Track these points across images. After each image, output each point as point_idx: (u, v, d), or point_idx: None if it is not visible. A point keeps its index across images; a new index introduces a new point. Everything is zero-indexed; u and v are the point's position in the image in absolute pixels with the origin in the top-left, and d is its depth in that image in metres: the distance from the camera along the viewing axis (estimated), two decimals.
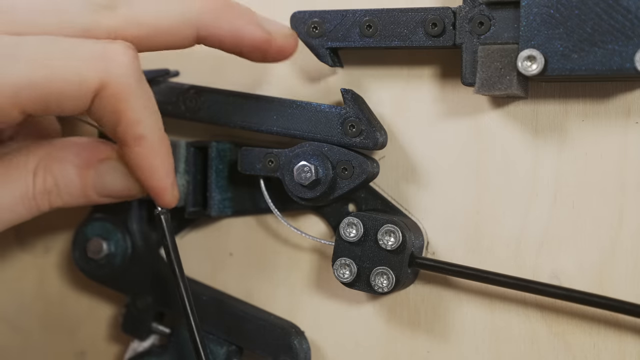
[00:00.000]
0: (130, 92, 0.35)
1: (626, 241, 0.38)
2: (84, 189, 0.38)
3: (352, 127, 0.40)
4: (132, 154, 0.37)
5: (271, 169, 0.41)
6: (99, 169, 0.38)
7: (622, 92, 0.38)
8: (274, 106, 0.41)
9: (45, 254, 0.51)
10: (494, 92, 0.37)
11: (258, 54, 0.39)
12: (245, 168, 0.42)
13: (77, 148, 0.39)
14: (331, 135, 0.40)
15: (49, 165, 0.38)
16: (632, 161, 0.38)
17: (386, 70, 0.42)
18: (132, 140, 0.36)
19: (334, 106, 0.40)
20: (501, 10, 0.37)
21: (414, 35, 0.39)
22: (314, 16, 0.40)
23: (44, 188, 0.38)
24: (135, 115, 0.35)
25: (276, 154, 0.41)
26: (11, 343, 0.52)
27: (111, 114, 0.35)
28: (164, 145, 0.37)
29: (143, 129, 0.36)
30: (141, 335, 0.46)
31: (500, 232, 0.40)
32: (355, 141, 0.40)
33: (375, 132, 0.40)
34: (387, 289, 0.38)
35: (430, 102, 0.41)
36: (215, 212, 0.43)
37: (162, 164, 0.37)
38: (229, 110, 0.42)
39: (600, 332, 0.38)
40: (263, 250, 0.45)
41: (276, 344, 0.42)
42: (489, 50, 0.37)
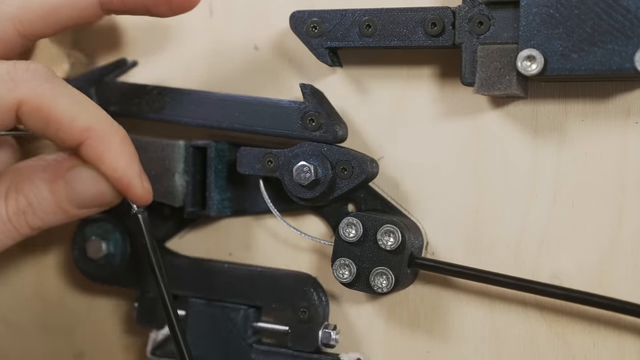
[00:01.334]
0: (49, 98, 0.36)
1: (626, 241, 0.38)
2: (58, 203, 0.38)
3: (312, 121, 0.40)
4: (87, 148, 0.37)
5: (270, 169, 0.41)
6: (68, 178, 0.38)
7: (621, 92, 0.38)
8: (235, 103, 0.42)
9: (45, 254, 0.50)
10: (493, 92, 0.37)
11: (163, 6, 0.39)
12: (244, 168, 0.42)
13: (44, 163, 0.39)
14: (292, 130, 0.41)
15: (19, 185, 0.38)
16: (632, 161, 0.38)
17: (386, 70, 0.42)
18: (79, 135, 0.36)
19: (293, 101, 0.41)
20: (501, 10, 0.37)
21: (413, 34, 0.39)
22: (313, 16, 0.40)
23: (17, 209, 0.38)
24: (67, 114, 0.36)
25: (275, 154, 0.41)
26: (10, 343, 0.52)
27: (47, 124, 0.36)
28: (118, 132, 0.38)
29: (83, 121, 0.36)
30: (158, 324, 0.46)
31: (500, 232, 0.40)
32: (315, 135, 0.40)
33: (335, 126, 0.40)
34: (387, 289, 0.38)
35: (430, 102, 0.41)
36: (214, 212, 0.43)
37: (122, 151, 0.37)
38: (192, 109, 0.43)
39: (600, 332, 0.38)
40: (263, 250, 0.45)
41: (291, 294, 0.42)
42: (488, 50, 0.37)
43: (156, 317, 0.45)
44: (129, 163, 0.38)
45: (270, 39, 0.44)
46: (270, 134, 0.41)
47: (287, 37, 0.43)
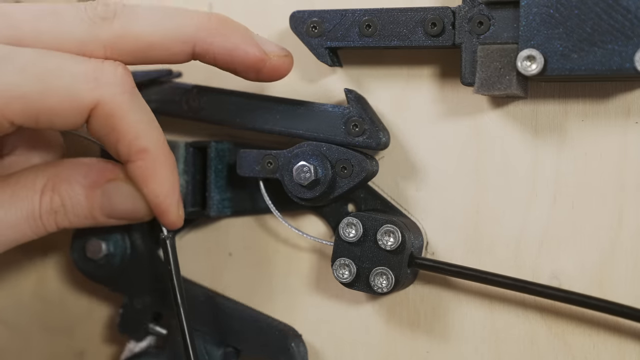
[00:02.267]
0: (124, 109, 0.35)
1: (626, 241, 0.38)
2: (91, 209, 0.39)
3: (355, 127, 0.40)
4: (136, 169, 0.37)
5: (270, 171, 0.41)
6: (107, 189, 0.38)
7: (621, 92, 0.38)
8: (277, 106, 0.41)
9: (44, 254, 0.50)
10: (493, 92, 0.37)
11: (252, 73, 0.39)
12: (244, 171, 0.42)
13: (85, 169, 0.39)
14: (334, 135, 0.40)
15: (57, 185, 0.38)
16: (632, 161, 0.38)
17: (386, 70, 0.42)
18: (134, 154, 0.36)
19: (337, 106, 0.40)
20: (501, 10, 0.37)
21: (413, 34, 0.39)
22: (313, 16, 0.40)
23: (51, 208, 0.38)
24: (133, 130, 0.36)
25: (275, 155, 0.41)
26: (10, 343, 0.52)
27: (110, 132, 0.36)
28: (168, 159, 0.38)
29: (144, 142, 0.36)
30: (138, 336, 0.46)
31: (500, 232, 0.40)
32: (359, 141, 0.40)
33: (379, 132, 0.40)
34: (387, 289, 0.38)
35: (430, 102, 0.41)
36: (214, 212, 0.43)
37: (167, 179, 0.37)
38: (232, 110, 0.42)
39: (600, 333, 0.38)
40: (262, 250, 0.45)
41: (273, 346, 0.42)
42: (488, 50, 0.37)
43: (137, 329, 0.46)
44: (171, 191, 0.38)
45: (270, 39, 0.44)
46: (311, 139, 0.41)
47: (287, 37, 0.43)
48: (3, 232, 0.37)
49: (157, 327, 0.46)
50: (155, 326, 0.46)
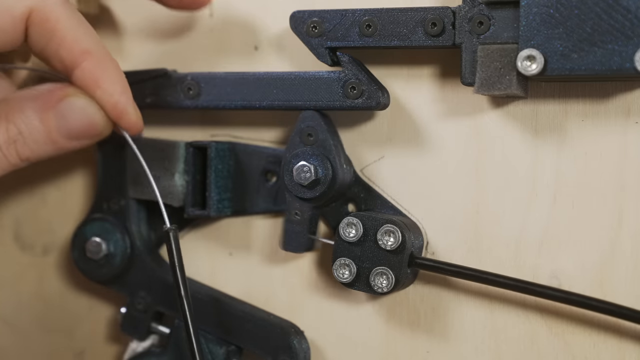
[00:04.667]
0: (58, 12, 0.37)
1: (626, 241, 0.38)
2: (48, 133, 0.39)
3: (353, 89, 0.40)
4: (84, 72, 0.37)
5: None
6: (59, 108, 0.38)
7: (622, 92, 0.38)
8: (272, 80, 0.42)
9: (44, 254, 0.50)
10: (493, 92, 0.37)
11: None
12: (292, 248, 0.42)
13: (35, 93, 0.39)
14: (333, 101, 0.40)
15: (10, 114, 0.38)
16: (632, 161, 0.38)
17: (386, 70, 0.42)
18: (78, 56, 0.37)
19: (332, 71, 0.40)
20: (501, 10, 0.37)
21: (413, 34, 0.39)
22: (314, 16, 0.40)
23: (8, 137, 0.38)
24: (72, 33, 0.37)
25: None
26: (10, 343, 0.52)
27: (50, 39, 0.37)
28: (113, 60, 0.38)
29: (85, 43, 0.37)
30: (140, 336, 0.46)
31: (500, 232, 0.40)
32: (358, 103, 0.40)
33: (377, 92, 0.40)
34: (387, 289, 0.38)
35: (431, 102, 0.41)
36: (214, 212, 0.43)
37: (117, 78, 0.38)
38: (229, 91, 0.42)
39: (600, 332, 0.38)
40: (262, 250, 0.45)
41: (275, 343, 0.42)
42: (488, 50, 0.37)
43: (139, 329, 0.46)
44: (124, 90, 0.38)
45: (270, 39, 0.44)
46: (311, 108, 0.41)
47: (287, 37, 0.43)
48: None
49: (159, 327, 0.46)
50: (158, 325, 0.46)
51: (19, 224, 0.51)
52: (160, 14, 0.46)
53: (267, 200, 0.44)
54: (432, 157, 0.41)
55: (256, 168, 0.44)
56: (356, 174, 0.42)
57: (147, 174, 0.40)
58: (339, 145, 0.41)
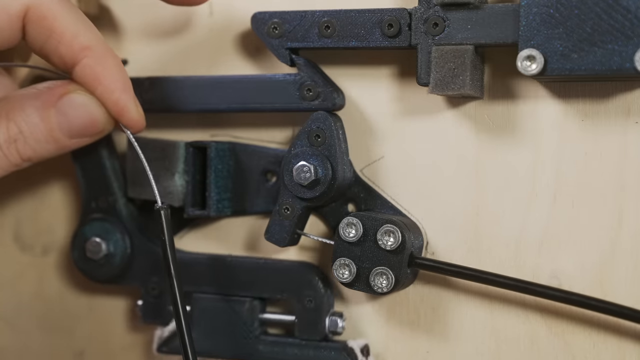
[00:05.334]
0: (55, 8, 0.36)
1: (626, 241, 0.38)
2: (49, 131, 0.38)
3: (309, 91, 0.40)
4: (84, 68, 0.37)
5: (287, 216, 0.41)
6: (60, 105, 0.38)
7: (622, 92, 0.38)
8: (229, 83, 0.42)
9: (44, 254, 0.50)
10: (447, 92, 0.37)
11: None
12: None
13: (35, 92, 0.39)
14: (290, 102, 0.41)
15: (10, 113, 0.38)
16: (632, 161, 0.38)
17: (385, 71, 0.42)
18: (78, 53, 0.37)
19: (288, 74, 0.41)
20: (455, 11, 0.37)
21: (370, 35, 0.39)
22: (274, 17, 0.41)
23: (9, 136, 0.38)
24: (71, 29, 0.36)
25: None
26: (10, 343, 0.52)
27: (48, 36, 0.36)
28: (115, 56, 0.38)
29: (84, 39, 0.37)
30: (163, 320, 0.45)
31: (500, 232, 0.40)
32: (314, 104, 0.40)
33: (332, 93, 0.40)
34: (387, 289, 0.38)
35: (430, 101, 0.41)
36: (214, 212, 0.43)
37: (118, 74, 0.38)
38: (186, 95, 0.43)
39: (600, 332, 0.38)
40: (263, 250, 0.45)
41: (296, 284, 0.42)
42: (442, 51, 0.37)
43: (161, 314, 0.45)
44: (125, 87, 0.38)
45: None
46: (268, 110, 0.42)
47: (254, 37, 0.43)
48: None
49: None
50: None
51: (19, 224, 0.51)
52: (160, 14, 0.46)
53: (267, 200, 0.44)
54: (432, 156, 0.41)
55: (256, 168, 0.44)
56: (356, 174, 0.42)
57: (146, 169, 0.39)
58: (345, 149, 0.41)
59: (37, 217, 0.50)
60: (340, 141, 0.41)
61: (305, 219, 0.42)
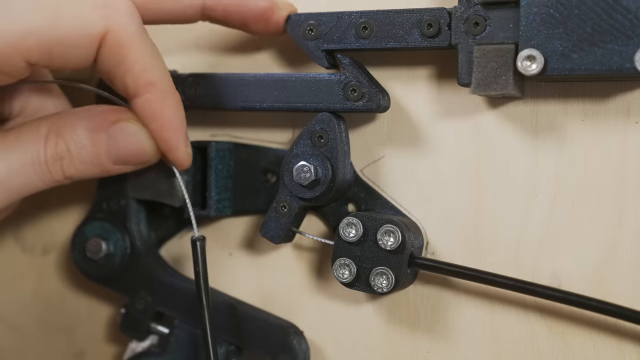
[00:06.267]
0: (134, 38, 0.36)
1: (626, 241, 0.38)
2: (96, 155, 0.38)
3: (354, 92, 0.40)
4: (144, 103, 0.37)
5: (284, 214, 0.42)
6: (111, 131, 0.38)
7: (622, 92, 0.38)
8: (273, 82, 0.42)
9: (44, 254, 0.50)
10: (490, 92, 0.37)
11: (261, 23, 0.40)
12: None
13: (88, 113, 0.39)
14: (334, 103, 0.40)
15: (61, 130, 0.38)
16: (632, 161, 0.38)
17: (384, 72, 0.42)
18: (142, 87, 0.36)
19: (333, 73, 0.41)
20: (497, 10, 0.37)
21: (409, 36, 0.39)
22: (310, 18, 0.40)
23: (56, 153, 0.38)
24: (142, 62, 0.36)
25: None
26: (10, 343, 0.52)
27: (119, 63, 0.36)
28: (175, 95, 0.38)
29: (152, 75, 0.36)
30: (140, 336, 0.46)
31: (500, 232, 0.40)
32: (359, 105, 0.40)
33: (378, 94, 0.40)
34: (387, 289, 0.38)
35: (430, 102, 0.41)
36: (214, 212, 0.43)
37: (175, 115, 0.38)
38: (229, 92, 0.43)
39: (600, 332, 0.38)
40: (262, 250, 0.45)
41: (275, 343, 0.42)
42: (484, 51, 0.37)
43: (140, 329, 0.45)
44: (180, 127, 0.38)
45: (272, 40, 0.44)
46: (311, 110, 0.41)
47: (289, 38, 0.43)
48: (9, 177, 0.37)
49: (158, 327, 0.46)
50: (157, 325, 0.46)
51: (19, 224, 0.51)
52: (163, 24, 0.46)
53: (267, 201, 0.44)
54: (432, 157, 0.41)
55: (256, 168, 0.44)
56: (356, 174, 0.42)
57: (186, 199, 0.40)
58: (347, 151, 0.41)
59: (37, 217, 0.50)
60: (343, 144, 0.41)
61: (302, 218, 0.42)
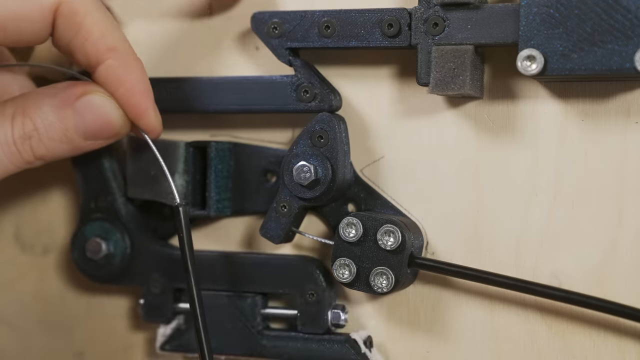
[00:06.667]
0: (87, 5, 0.36)
1: (626, 241, 0.38)
2: (64, 131, 0.38)
3: (306, 93, 0.41)
4: (107, 69, 0.37)
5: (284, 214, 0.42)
6: (78, 106, 0.38)
7: (622, 92, 0.38)
8: (227, 84, 0.42)
9: (44, 254, 0.50)
10: (447, 92, 0.37)
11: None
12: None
13: (54, 90, 0.38)
14: (287, 104, 0.41)
15: (27, 109, 0.38)
16: (632, 161, 0.38)
17: (384, 70, 0.42)
18: (103, 53, 0.37)
19: (285, 75, 0.41)
20: (455, 11, 0.37)
21: (370, 35, 0.39)
22: (274, 17, 0.41)
23: (24, 132, 0.37)
24: (99, 28, 0.36)
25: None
26: (10, 343, 0.52)
27: (76, 32, 0.36)
28: (138, 60, 0.38)
29: (111, 40, 0.37)
30: (166, 319, 0.45)
31: (500, 232, 0.40)
32: (311, 106, 0.41)
33: (329, 94, 0.40)
34: (387, 289, 0.38)
35: (431, 101, 0.41)
36: (214, 212, 0.43)
37: (140, 79, 0.38)
38: (184, 96, 0.43)
39: (600, 332, 0.38)
40: (263, 250, 0.45)
41: (298, 278, 0.42)
42: (442, 51, 0.37)
43: (163, 312, 0.45)
44: (147, 91, 0.38)
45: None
46: (265, 111, 0.42)
47: None
48: None
49: (180, 305, 0.45)
50: (179, 304, 0.45)
51: (19, 224, 0.51)
52: (160, 14, 0.46)
53: (267, 200, 0.44)
54: (432, 156, 0.41)
55: (256, 168, 0.44)
56: (356, 174, 0.42)
57: (166, 173, 0.39)
58: (347, 151, 0.41)
59: (37, 217, 0.50)
60: (343, 144, 0.41)
61: (302, 218, 0.42)
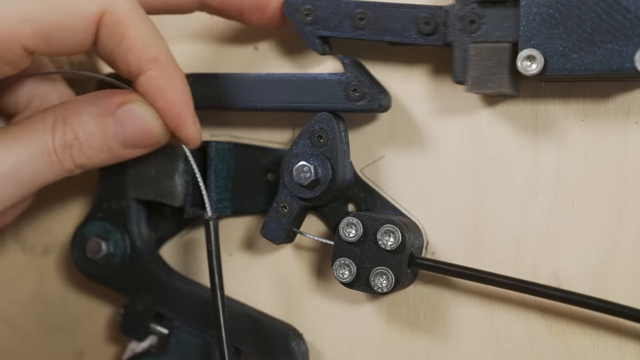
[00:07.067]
0: (131, 16, 0.36)
1: (626, 241, 0.38)
2: (105, 140, 0.38)
3: (355, 92, 0.40)
4: (149, 79, 0.37)
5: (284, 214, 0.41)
6: (118, 115, 0.38)
7: (622, 92, 0.38)
8: (274, 81, 0.41)
9: (44, 254, 0.50)
10: (485, 91, 0.37)
11: (257, 13, 0.40)
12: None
13: (94, 99, 0.38)
14: (335, 103, 0.40)
15: (67, 118, 0.38)
16: (632, 161, 0.38)
17: (385, 69, 0.42)
18: (146, 63, 0.36)
19: (334, 73, 0.40)
20: (492, 8, 0.37)
21: (405, 31, 0.39)
22: (307, 3, 0.40)
23: (64, 141, 0.37)
24: (142, 38, 0.36)
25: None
26: (10, 343, 0.52)
27: (119, 42, 0.36)
28: (179, 70, 0.38)
29: (154, 50, 0.36)
30: (139, 336, 0.46)
31: (500, 232, 0.40)
32: (360, 105, 0.40)
33: (379, 94, 0.40)
34: (387, 289, 0.38)
35: (431, 101, 0.41)
36: (214, 212, 0.43)
37: (181, 90, 0.37)
38: (230, 93, 0.42)
39: (600, 332, 0.38)
40: (262, 250, 0.45)
41: (275, 346, 0.42)
42: (480, 49, 0.37)
43: (139, 330, 0.45)
44: (187, 102, 0.38)
45: (270, 40, 0.44)
46: (312, 110, 0.41)
47: (287, 37, 0.43)
48: (20, 169, 0.37)
49: (158, 327, 0.46)
50: (157, 326, 0.46)
51: (19, 225, 0.51)
52: (160, 14, 0.46)
53: (267, 201, 0.44)
54: (432, 156, 0.41)
55: (256, 168, 0.44)
56: (356, 174, 0.42)
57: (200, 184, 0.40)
58: (346, 151, 0.41)
59: (37, 217, 0.50)
60: (342, 143, 0.41)
61: (302, 218, 0.42)
